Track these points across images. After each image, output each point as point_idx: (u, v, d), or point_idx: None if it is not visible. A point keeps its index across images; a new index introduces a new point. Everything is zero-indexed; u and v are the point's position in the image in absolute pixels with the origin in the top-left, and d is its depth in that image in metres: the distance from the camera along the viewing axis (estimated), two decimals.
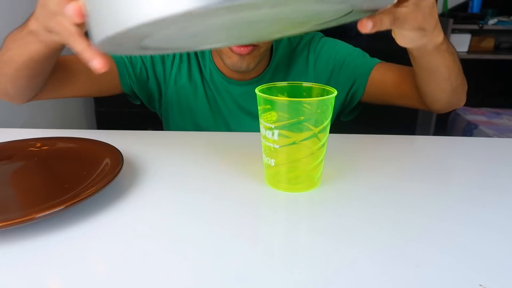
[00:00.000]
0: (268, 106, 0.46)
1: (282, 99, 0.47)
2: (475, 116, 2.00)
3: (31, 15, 0.50)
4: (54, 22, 0.43)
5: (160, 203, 0.48)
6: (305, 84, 0.52)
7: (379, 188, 0.52)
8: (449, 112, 0.81)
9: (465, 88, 0.70)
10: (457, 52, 0.65)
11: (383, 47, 2.23)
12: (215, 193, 0.50)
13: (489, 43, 2.52)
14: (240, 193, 0.50)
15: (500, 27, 2.37)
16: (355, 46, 0.83)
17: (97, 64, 0.36)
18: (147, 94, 0.83)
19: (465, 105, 0.78)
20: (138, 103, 0.86)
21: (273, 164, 0.49)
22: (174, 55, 0.81)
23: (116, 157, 0.54)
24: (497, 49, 2.55)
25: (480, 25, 2.36)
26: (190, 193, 0.50)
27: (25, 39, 0.52)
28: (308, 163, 0.49)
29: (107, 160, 0.53)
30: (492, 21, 2.37)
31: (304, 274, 0.35)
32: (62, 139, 0.63)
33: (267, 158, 0.50)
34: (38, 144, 0.61)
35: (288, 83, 0.52)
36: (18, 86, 0.62)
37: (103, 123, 2.43)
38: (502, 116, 2.01)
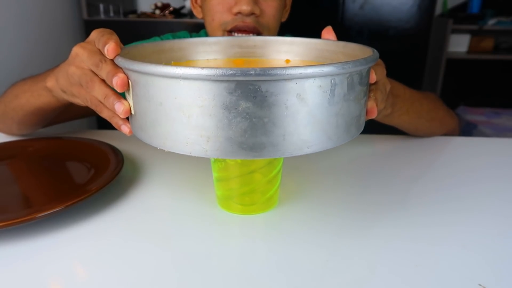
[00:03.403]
0: None
1: None
2: (474, 116, 2.00)
3: (47, 73, 0.54)
4: (83, 91, 0.44)
5: (160, 203, 0.48)
6: None
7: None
8: None
9: (447, 123, 0.73)
10: (434, 97, 0.71)
11: (383, 47, 2.24)
12: (213, 194, 0.50)
13: (488, 43, 2.53)
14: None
15: (499, 27, 2.37)
16: None
17: (126, 129, 0.39)
18: None
19: (465, 105, 0.79)
20: None
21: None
22: None
23: (116, 157, 0.54)
24: (496, 49, 2.55)
25: (480, 25, 2.36)
26: (191, 193, 0.50)
27: (38, 91, 0.56)
28: (265, 174, 0.44)
29: (107, 160, 0.53)
30: (491, 22, 2.37)
31: None
32: (62, 139, 0.63)
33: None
34: (39, 144, 0.61)
35: None
36: (23, 129, 0.67)
37: (103, 123, 2.42)
38: (501, 116, 2.00)
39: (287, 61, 0.48)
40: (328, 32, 0.45)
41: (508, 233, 0.42)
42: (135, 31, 2.10)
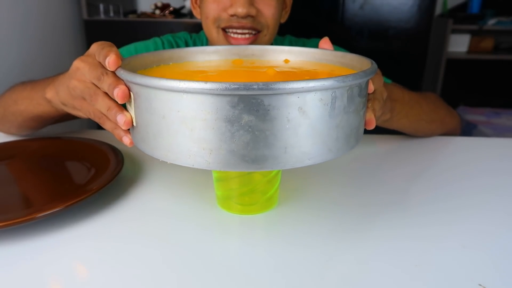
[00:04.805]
0: None
1: None
2: (474, 116, 2.00)
3: (47, 82, 0.55)
4: (85, 104, 0.44)
5: (160, 203, 0.48)
6: None
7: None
8: None
9: (448, 123, 0.73)
10: (434, 97, 0.71)
11: (383, 47, 2.24)
12: (212, 194, 0.50)
13: (488, 43, 2.53)
14: None
15: (499, 27, 2.37)
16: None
17: (127, 140, 0.39)
18: None
19: (465, 105, 0.79)
20: None
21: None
22: None
23: (116, 157, 0.54)
24: (496, 49, 2.55)
25: (480, 25, 2.36)
26: (191, 193, 0.50)
27: (37, 100, 0.57)
28: (264, 174, 0.44)
29: (107, 160, 0.53)
30: (491, 22, 2.37)
31: None
32: (62, 139, 0.63)
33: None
34: (38, 144, 0.61)
35: None
36: (23, 131, 0.68)
37: None
38: (501, 116, 2.00)
39: (286, 61, 0.48)
40: (325, 43, 0.46)
41: (508, 233, 0.42)
42: (135, 31, 2.10)
